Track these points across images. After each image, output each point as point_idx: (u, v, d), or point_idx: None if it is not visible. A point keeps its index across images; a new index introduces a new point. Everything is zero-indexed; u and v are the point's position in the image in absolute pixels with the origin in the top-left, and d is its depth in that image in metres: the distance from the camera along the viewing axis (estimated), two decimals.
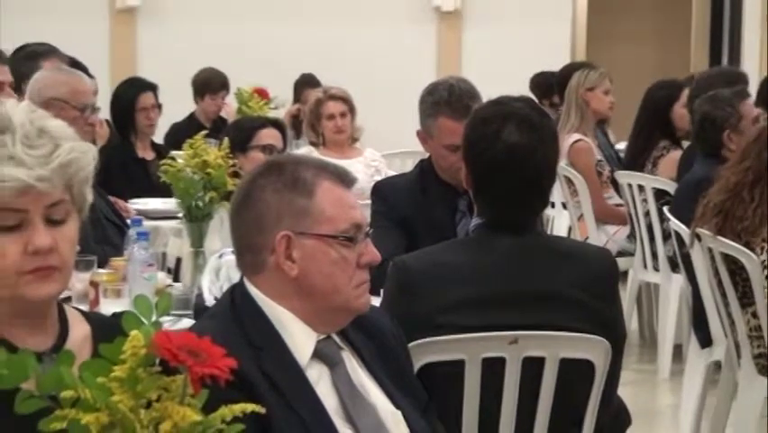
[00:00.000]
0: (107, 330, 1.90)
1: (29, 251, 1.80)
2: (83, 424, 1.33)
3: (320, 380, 2.20)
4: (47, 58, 4.64)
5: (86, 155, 1.84)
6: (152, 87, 6.32)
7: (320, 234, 2.20)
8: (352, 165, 5.55)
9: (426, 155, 3.91)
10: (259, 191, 2.23)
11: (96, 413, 1.35)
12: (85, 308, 3.18)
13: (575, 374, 2.65)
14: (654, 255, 5.84)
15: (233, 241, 2.30)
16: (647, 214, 5.81)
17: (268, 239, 2.20)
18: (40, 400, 1.35)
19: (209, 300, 3.35)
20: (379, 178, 5.33)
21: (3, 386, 1.37)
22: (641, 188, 5.80)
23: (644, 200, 5.80)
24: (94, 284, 3.35)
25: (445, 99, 3.71)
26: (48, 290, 1.84)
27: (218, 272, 3.48)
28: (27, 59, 4.67)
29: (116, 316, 2.05)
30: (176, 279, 4.01)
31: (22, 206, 1.80)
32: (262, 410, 1.48)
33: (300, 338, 2.21)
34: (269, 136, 4.60)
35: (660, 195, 5.71)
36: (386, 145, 7.13)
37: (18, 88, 4.06)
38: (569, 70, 7.12)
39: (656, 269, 5.83)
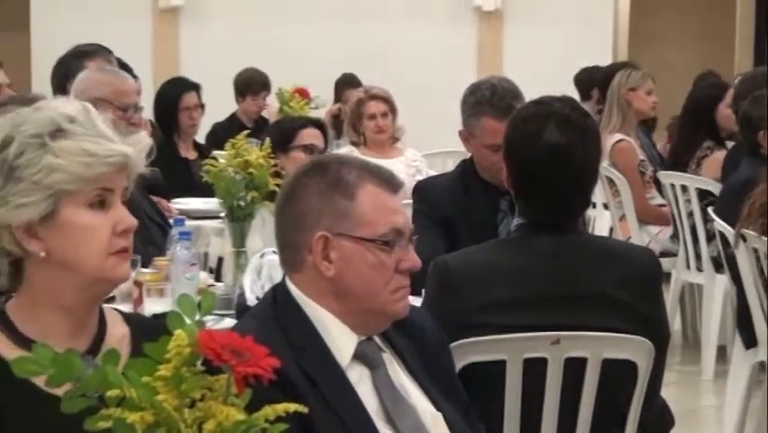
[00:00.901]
0: (147, 331, 1.92)
1: (117, 230, 1.85)
2: (128, 423, 1.34)
3: (361, 381, 2.19)
4: (92, 58, 4.67)
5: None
6: (195, 87, 6.36)
7: (358, 236, 2.19)
8: (393, 165, 5.54)
9: (468, 155, 3.90)
10: (301, 190, 2.23)
11: (141, 412, 1.36)
12: (128, 307, 3.20)
13: (618, 375, 2.64)
14: (698, 256, 5.80)
15: (275, 238, 2.30)
16: (691, 214, 5.78)
17: (307, 238, 2.20)
18: (86, 399, 1.36)
19: (251, 300, 3.35)
20: (419, 177, 5.33)
21: (50, 386, 1.38)
22: (684, 188, 5.76)
23: (688, 201, 5.77)
24: (138, 284, 3.36)
25: (487, 99, 3.70)
26: (127, 271, 1.89)
27: (259, 272, 3.49)
28: (72, 59, 4.71)
29: (157, 317, 2.08)
30: (217, 278, 4.03)
31: (113, 184, 1.85)
32: (305, 410, 1.48)
33: (341, 339, 2.21)
34: (310, 136, 4.60)
35: (703, 195, 5.67)
36: (427, 145, 7.12)
37: (63, 88, 4.09)
38: (611, 70, 7.09)
39: (700, 269, 5.79)
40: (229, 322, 3.23)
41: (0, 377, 1.75)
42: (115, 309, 2.03)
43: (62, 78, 4.42)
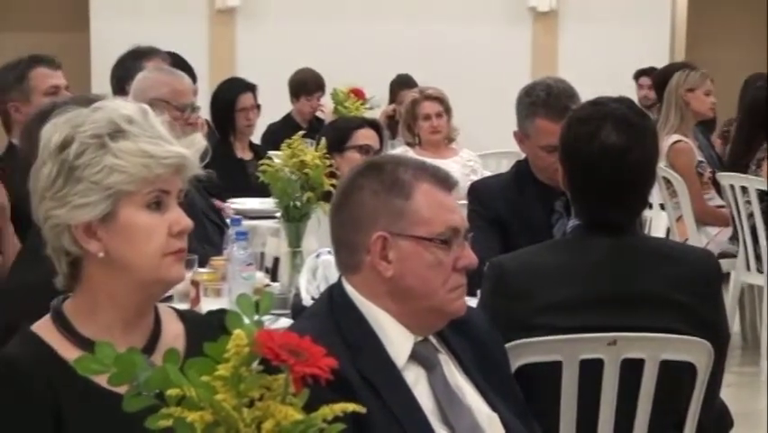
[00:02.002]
0: (202, 328, 1.94)
1: (173, 232, 1.86)
2: (188, 422, 1.35)
3: (417, 382, 2.19)
4: (150, 58, 4.71)
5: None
6: (252, 88, 6.39)
7: (415, 235, 2.19)
8: (448, 165, 5.53)
9: (523, 156, 3.89)
10: (357, 191, 2.24)
11: (200, 411, 1.36)
12: (186, 306, 3.22)
13: (676, 377, 2.62)
14: (758, 257, 5.74)
15: (331, 239, 2.31)
16: (751, 215, 5.72)
17: (364, 239, 2.20)
18: (146, 398, 1.37)
19: (306, 300, 3.37)
20: (474, 178, 5.32)
21: (112, 384, 1.39)
22: (744, 189, 5.70)
23: (748, 202, 5.71)
24: (195, 283, 3.39)
25: (543, 100, 3.69)
26: (182, 272, 1.91)
27: (315, 272, 3.50)
28: (130, 59, 4.75)
29: (211, 314, 2.10)
30: (273, 278, 4.04)
31: (169, 185, 1.87)
32: (363, 410, 1.48)
33: (397, 340, 2.21)
34: (365, 137, 4.60)
35: (763, 196, 5.61)
36: (481, 145, 7.11)
37: (122, 89, 4.13)
38: (668, 71, 7.03)
39: (760, 271, 5.74)
40: (285, 322, 3.25)
41: (59, 376, 1.78)
42: (170, 307, 2.05)
43: (121, 79, 4.46)
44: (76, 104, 2.05)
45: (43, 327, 1.90)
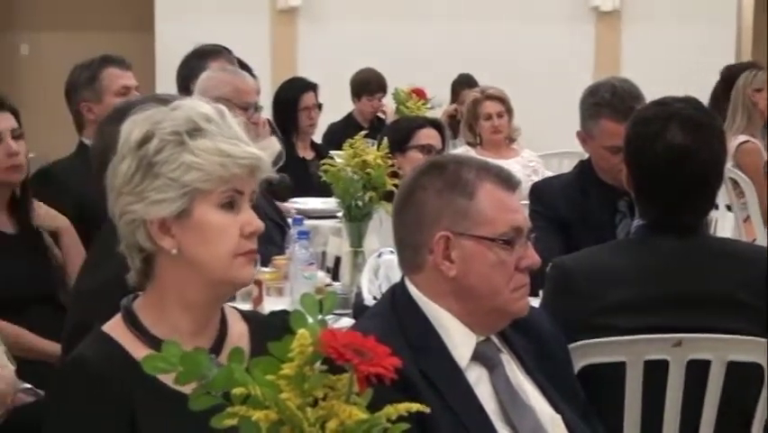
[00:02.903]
0: (264, 328, 1.95)
1: (245, 233, 1.88)
2: (253, 421, 1.36)
3: (479, 382, 2.19)
4: (214, 58, 4.74)
5: None
6: (313, 87, 6.42)
7: (479, 235, 2.19)
8: (509, 165, 5.48)
9: (585, 156, 3.86)
10: (420, 191, 2.23)
11: (265, 411, 1.37)
12: (248, 306, 3.24)
13: (742, 377, 2.59)
14: None
15: (394, 239, 2.31)
16: None
17: (427, 239, 2.20)
18: (212, 397, 1.38)
19: (368, 300, 3.37)
20: (536, 178, 5.29)
21: (178, 383, 1.40)
22: None
23: None
24: (257, 283, 3.40)
25: (607, 100, 3.66)
26: (252, 273, 1.92)
27: (377, 272, 3.50)
28: (195, 59, 4.78)
29: (274, 315, 2.11)
30: (335, 278, 4.05)
31: (243, 186, 1.88)
32: (427, 410, 1.48)
33: (460, 339, 2.20)
34: (427, 136, 4.60)
35: None
36: (543, 146, 7.07)
37: (186, 88, 4.17)
38: (734, 71, 6.94)
39: None
40: (346, 321, 3.25)
41: (131, 376, 1.79)
42: (233, 307, 2.06)
43: (186, 78, 4.50)
44: (154, 102, 2.07)
45: (114, 327, 1.92)
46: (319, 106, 6.40)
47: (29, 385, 3.09)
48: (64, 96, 4.35)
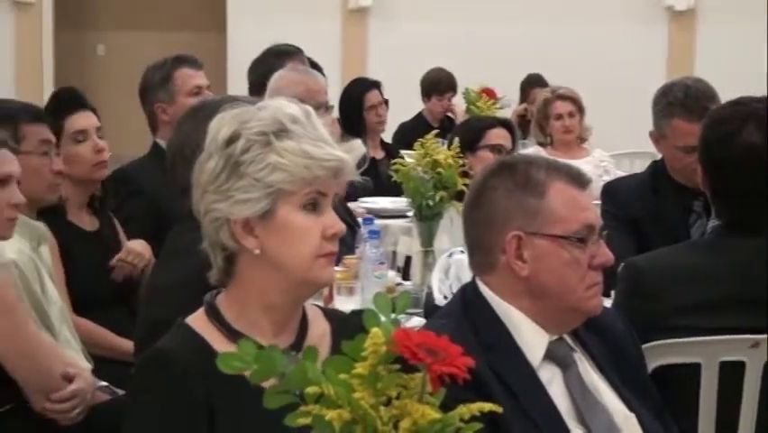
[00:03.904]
0: (346, 327, 1.95)
1: (327, 234, 1.88)
2: (327, 420, 1.36)
3: (552, 381, 2.18)
4: (286, 57, 4.76)
5: None
6: (377, 85, 6.43)
7: (551, 234, 2.17)
8: (580, 165, 5.44)
9: (658, 156, 3.83)
10: (490, 191, 2.23)
11: (338, 410, 1.37)
12: (319, 304, 3.25)
13: None
14: None
15: (465, 240, 2.30)
16: None
17: (498, 239, 2.19)
18: (287, 395, 1.38)
19: (438, 299, 3.37)
20: (607, 178, 5.25)
21: (254, 381, 1.41)
22: None
23: None
24: None
25: (680, 100, 3.63)
26: (332, 275, 1.94)
27: (447, 271, 3.50)
28: (267, 58, 4.81)
29: (355, 313, 2.11)
30: (405, 277, 4.06)
31: (327, 188, 1.89)
32: (500, 409, 1.47)
33: (532, 339, 2.19)
34: (498, 136, 4.59)
35: None
36: (615, 145, 7.02)
37: (262, 86, 4.19)
38: None
39: None
40: (417, 321, 3.25)
41: (213, 369, 1.81)
42: (317, 306, 2.07)
43: (261, 76, 4.52)
44: (228, 102, 2.09)
45: (197, 320, 1.94)
46: (386, 103, 6.40)
47: (105, 383, 3.14)
48: (138, 97, 4.40)
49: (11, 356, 2.67)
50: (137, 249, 3.65)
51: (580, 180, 2.23)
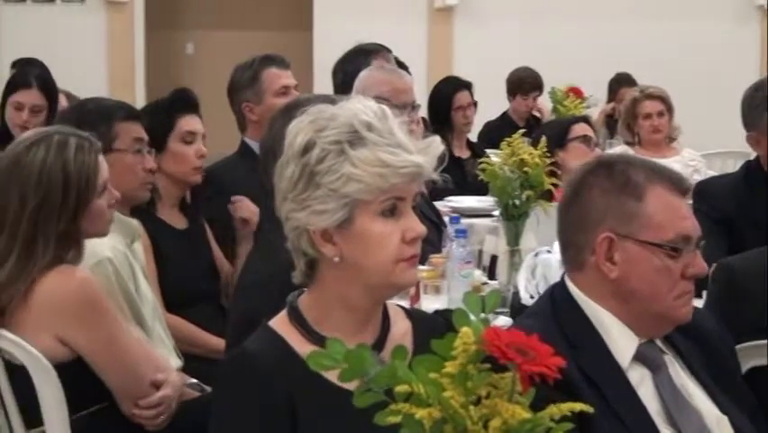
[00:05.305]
0: (428, 326, 1.95)
1: (407, 238, 1.87)
2: (417, 419, 1.36)
3: (642, 383, 2.15)
4: (373, 56, 4.77)
5: None
6: (468, 86, 6.42)
7: (645, 240, 2.13)
8: (669, 165, 5.41)
9: (752, 156, 3.77)
10: (587, 189, 2.19)
11: (428, 408, 1.37)
12: (406, 303, 3.26)
13: None
14: None
15: (557, 236, 2.27)
16: None
17: (590, 238, 2.16)
18: (376, 394, 1.39)
19: (525, 299, 3.36)
20: (698, 178, 5.18)
21: (342, 380, 1.41)
22: None
23: None
24: None
25: None
26: (414, 277, 1.92)
27: (534, 271, 3.48)
28: (359, 56, 4.82)
29: (438, 313, 2.11)
30: (491, 276, 4.04)
31: (405, 193, 1.87)
32: (591, 410, 1.46)
33: (621, 340, 2.17)
34: (584, 129, 4.73)
35: None
36: (705, 145, 6.92)
37: (349, 84, 4.20)
38: None
39: None
40: (503, 320, 3.24)
41: (296, 373, 1.82)
42: (398, 305, 2.06)
43: (348, 75, 4.53)
44: (321, 101, 2.09)
45: (280, 323, 1.94)
46: (474, 105, 6.39)
47: (195, 380, 3.17)
48: (227, 96, 4.44)
49: (102, 362, 2.69)
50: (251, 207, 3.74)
51: (681, 186, 2.17)
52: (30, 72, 5.21)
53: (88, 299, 2.66)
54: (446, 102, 6.32)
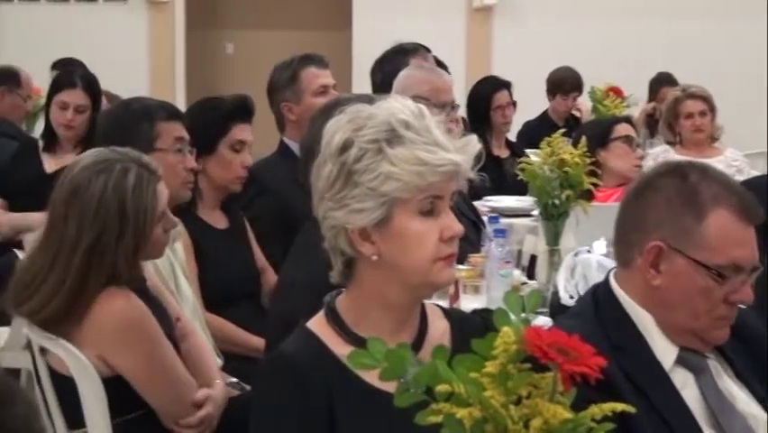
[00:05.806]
0: (466, 326, 1.94)
1: (445, 237, 1.87)
2: (458, 418, 1.36)
3: (685, 385, 2.13)
4: (413, 55, 4.76)
5: None
6: (507, 85, 6.41)
7: (693, 258, 2.09)
8: (712, 164, 5.38)
9: None
10: (652, 191, 2.15)
11: (469, 408, 1.37)
12: (445, 303, 3.25)
13: None
14: None
15: (614, 225, 2.22)
16: None
17: (642, 240, 2.13)
18: (416, 393, 1.38)
19: (565, 299, 3.34)
20: (740, 178, 5.14)
21: (382, 379, 1.41)
22: None
23: None
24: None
25: None
26: (452, 276, 1.92)
27: (573, 271, 3.47)
28: (398, 55, 4.81)
29: (476, 312, 2.10)
30: (530, 276, 4.03)
31: (443, 191, 1.86)
32: (633, 410, 1.45)
33: (663, 342, 2.15)
34: (626, 129, 4.73)
35: None
36: (749, 145, 6.86)
37: (388, 84, 4.20)
38: None
39: None
40: (542, 320, 3.23)
41: (334, 374, 1.82)
42: (435, 304, 2.06)
43: (385, 76, 4.53)
44: (360, 100, 2.09)
45: (318, 324, 1.94)
46: (513, 104, 6.38)
47: (235, 379, 3.18)
48: (266, 96, 4.45)
49: (142, 385, 2.68)
50: None
51: (748, 213, 2.10)
52: (74, 72, 5.26)
53: (129, 324, 2.64)
54: (485, 102, 6.31)
